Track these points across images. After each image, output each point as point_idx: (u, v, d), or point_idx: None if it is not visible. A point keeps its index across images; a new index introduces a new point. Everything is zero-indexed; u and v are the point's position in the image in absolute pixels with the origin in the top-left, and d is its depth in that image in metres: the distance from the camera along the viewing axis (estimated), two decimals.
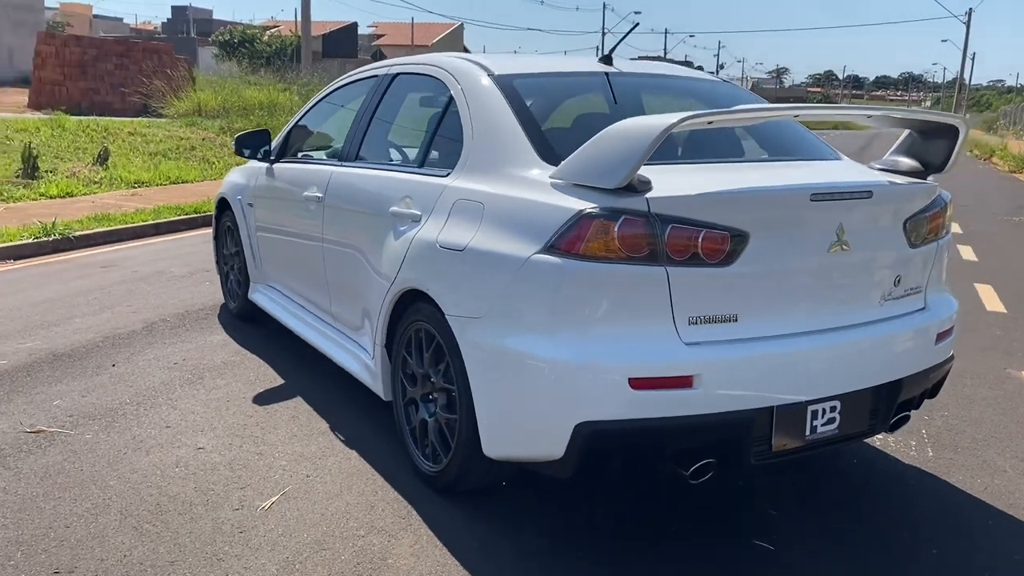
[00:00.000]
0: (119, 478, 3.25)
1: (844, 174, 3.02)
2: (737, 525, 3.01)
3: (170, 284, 6.56)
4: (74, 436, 3.62)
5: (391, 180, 3.50)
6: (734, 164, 3.13)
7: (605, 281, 2.53)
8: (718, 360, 2.57)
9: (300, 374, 4.43)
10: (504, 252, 2.71)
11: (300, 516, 2.99)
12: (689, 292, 2.57)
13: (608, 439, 2.58)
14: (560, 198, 2.64)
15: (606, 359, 2.52)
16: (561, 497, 3.15)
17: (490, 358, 2.75)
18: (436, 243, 3.02)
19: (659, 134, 2.44)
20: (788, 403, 2.68)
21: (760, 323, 2.66)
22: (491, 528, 2.94)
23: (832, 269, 2.77)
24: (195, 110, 17.63)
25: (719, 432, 2.64)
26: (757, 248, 2.62)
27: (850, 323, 2.83)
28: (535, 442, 2.68)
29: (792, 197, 2.68)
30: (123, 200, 10.81)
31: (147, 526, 2.91)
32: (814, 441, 2.80)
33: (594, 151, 2.61)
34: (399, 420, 3.40)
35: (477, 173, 3.04)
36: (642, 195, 2.54)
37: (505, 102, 3.13)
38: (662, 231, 2.52)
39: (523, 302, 2.64)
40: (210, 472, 3.31)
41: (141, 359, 4.66)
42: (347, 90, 4.43)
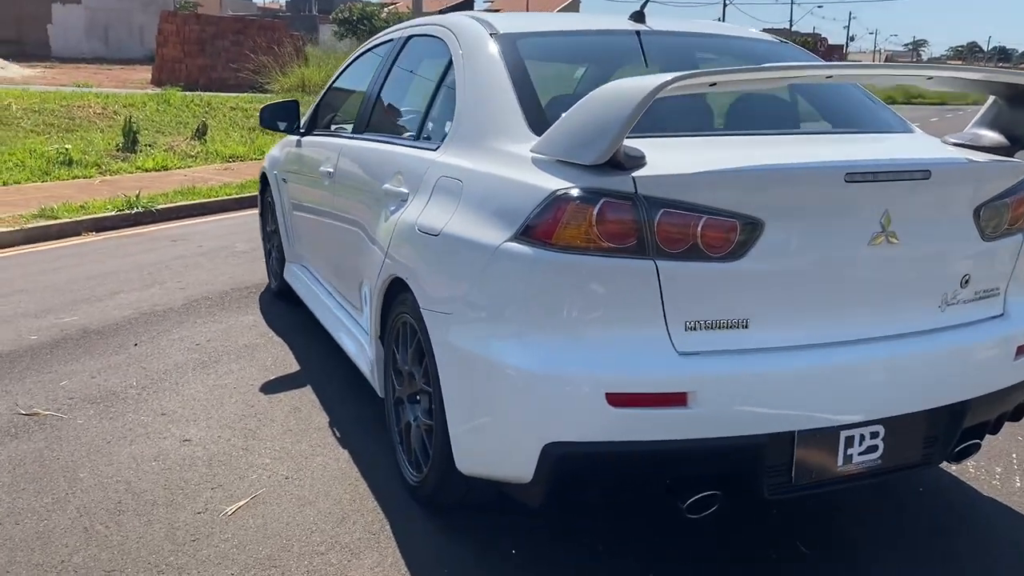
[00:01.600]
0: (91, 471, 3.05)
1: (898, 149, 2.47)
2: (759, 563, 2.54)
3: (229, 260, 6.45)
4: (66, 421, 3.46)
5: (387, 155, 3.16)
6: (770, 137, 2.63)
7: (581, 276, 2.11)
8: (720, 374, 2.11)
9: (319, 362, 4.17)
10: (475, 239, 2.32)
11: (262, 525, 2.71)
12: (686, 291, 2.12)
13: (582, 464, 2.17)
14: (536, 175, 2.23)
15: (578, 369, 2.11)
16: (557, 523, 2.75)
17: (458, 361, 2.37)
18: (415, 226, 2.66)
19: (643, 98, 1.99)
20: (813, 427, 2.20)
21: (777, 331, 2.19)
22: (468, 553, 2.58)
23: (874, 266, 2.25)
24: (299, 85, 17.77)
25: (722, 460, 2.18)
26: (774, 239, 2.14)
27: (897, 332, 2.31)
28: (503, 462, 2.30)
29: (820, 177, 2.18)
30: (215, 174, 10.92)
31: (99, 527, 2.68)
32: (849, 473, 2.30)
33: (574, 120, 2.19)
34: (388, 419, 3.07)
35: (462, 146, 2.66)
36: (628, 173, 2.09)
37: (502, 64, 2.72)
38: (651, 216, 2.07)
39: (490, 298, 2.25)
40: (187, 468, 3.07)
41: (165, 339, 4.50)
42: (367, 56, 4.10)
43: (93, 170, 10.41)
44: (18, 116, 12.29)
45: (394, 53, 3.59)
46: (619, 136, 2.03)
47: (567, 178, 2.15)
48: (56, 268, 6.15)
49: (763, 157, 2.22)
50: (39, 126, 12.19)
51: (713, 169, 2.11)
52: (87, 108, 13.44)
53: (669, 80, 2.00)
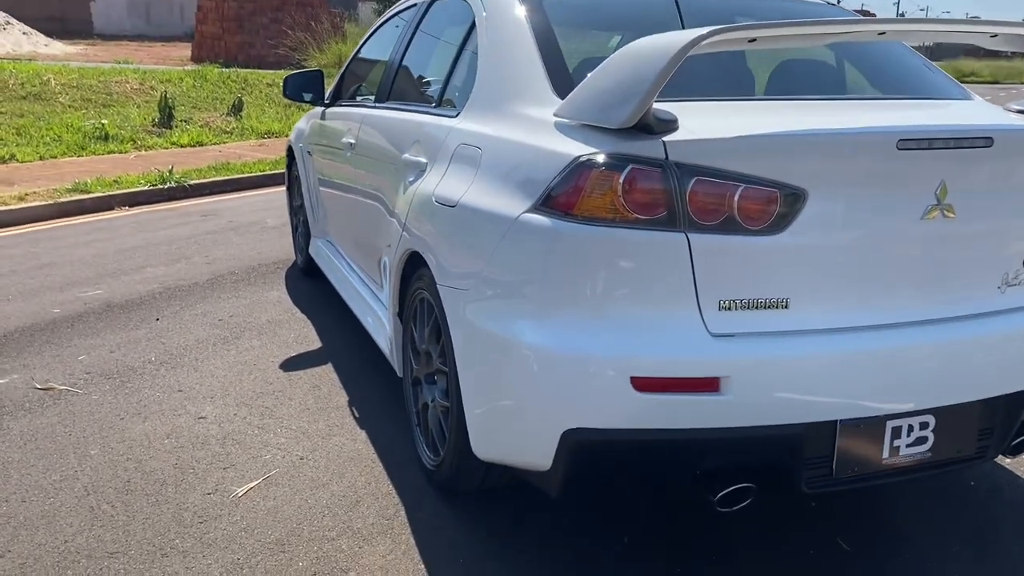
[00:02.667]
0: (103, 447, 2.96)
1: (956, 116, 2.26)
2: (798, 561, 2.37)
3: (258, 235, 6.37)
4: (81, 396, 3.38)
5: (407, 123, 3.01)
6: (813, 103, 2.43)
7: (605, 249, 1.95)
8: (758, 359, 1.94)
9: (341, 339, 4.05)
10: (493, 210, 2.17)
11: (273, 508, 2.60)
12: (720, 267, 1.95)
13: (605, 453, 2.01)
14: (559, 141, 2.07)
15: (602, 351, 1.95)
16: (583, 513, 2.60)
17: (475, 340, 2.23)
18: (432, 197, 2.51)
19: (676, 54, 1.82)
20: (857, 417, 2.03)
21: (820, 312, 2.01)
22: (484, 544, 2.44)
23: (928, 242, 2.06)
24: (336, 61, 17.64)
25: (756, 451, 2.02)
26: (818, 211, 1.96)
27: (951, 315, 2.11)
28: (521, 448, 2.15)
29: (870, 143, 1.98)
30: (249, 150, 10.87)
31: (105, 507, 2.59)
32: (896, 466, 2.12)
33: (601, 80, 2.02)
34: (406, 400, 2.94)
35: (483, 112, 2.50)
36: (659, 138, 1.92)
37: (527, 25, 2.55)
38: (683, 185, 1.90)
39: (507, 273, 2.10)
40: (199, 447, 2.97)
41: (188, 314, 4.42)
42: (390, 24, 3.95)
43: (128, 145, 10.42)
44: (56, 92, 12.34)
45: (417, 19, 3.43)
46: (649, 96, 1.86)
47: (591, 143, 1.99)
48: (86, 242, 6.11)
49: (807, 122, 2.03)
50: (77, 101, 12.23)
51: (753, 133, 1.93)
52: (124, 84, 13.46)
53: (704, 35, 1.82)
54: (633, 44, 1.99)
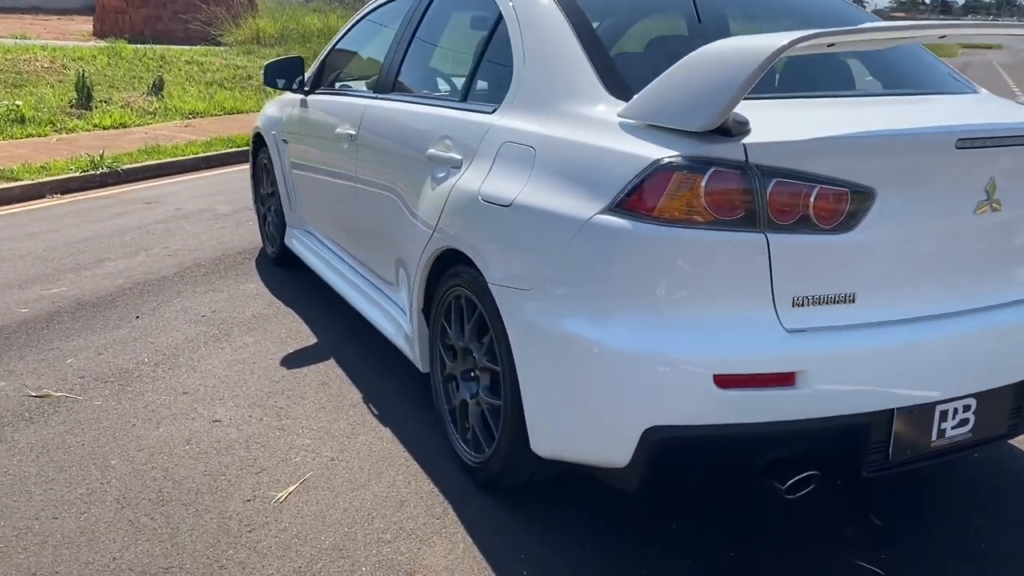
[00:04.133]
0: (122, 456, 2.87)
1: (995, 112, 2.38)
2: (835, 537, 2.49)
3: (212, 223, 6.19)
4: (82, 402, 3.26)
5: (429, 117, 2.98)
6: (846, 98, 2.51)
7: (687, 251, 1.99)
8: (829, 352, 2.02)
9: (336, 333, 4.00)
10: (559, 210, 2.18)
11: (319, 512, 2.57)
12: (794, 265, 2.01)
13: (685, 448, 2.07)
14: (631, 143, 2.09)
15: (686, 350, 2.00)
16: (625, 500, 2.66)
17: (541, 340, 2.24)
18: (478, 195, 2.50)
19: (765, 60, 1.86)
20: (913, 404, 2.13)
21: (883, 305, 2.10)
22: (539, 537, 2.48)
23: (977, 235, 2.17)
24: (254, 38, 17.16)
25: (826, 440, 2.10)
26: (884, 209, 2.04)
27: (994, 303, 2.24)
28: (593, 445, 2.19)
29: (933, 142, 2.08)
30: (177, 131, 10.50)
31: (145, 519, 2.52)
32: (941, 447, 2.24)
33: (676, 82, 2.05)
34: (437, 398, 2.94)
35: (529, 109, 2.50)
36: (738, 140, 1.97)
37: (564, 20, 2.55)
38: (763, 187, 1.96)
39: (581, 274, 2.12)
40: (224, 452, 2.91)
41: (167, 310, 4.28)
42: (385, 10, 3.87)
43: (48, 128, 9.92)
44: None
45: (421, 8, 3.37)
46: (735, 101, 1.90)
47: (669, 145, 2.01)
48: (29, 234, 5.83)
49: (869, 121, 2.11)
50: None
51: (827, 135, 2.00)
52: (34, 62, 12.78)
53: (793, 40, 1.87)
54: (711, 48, 2.03)
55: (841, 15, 3.03)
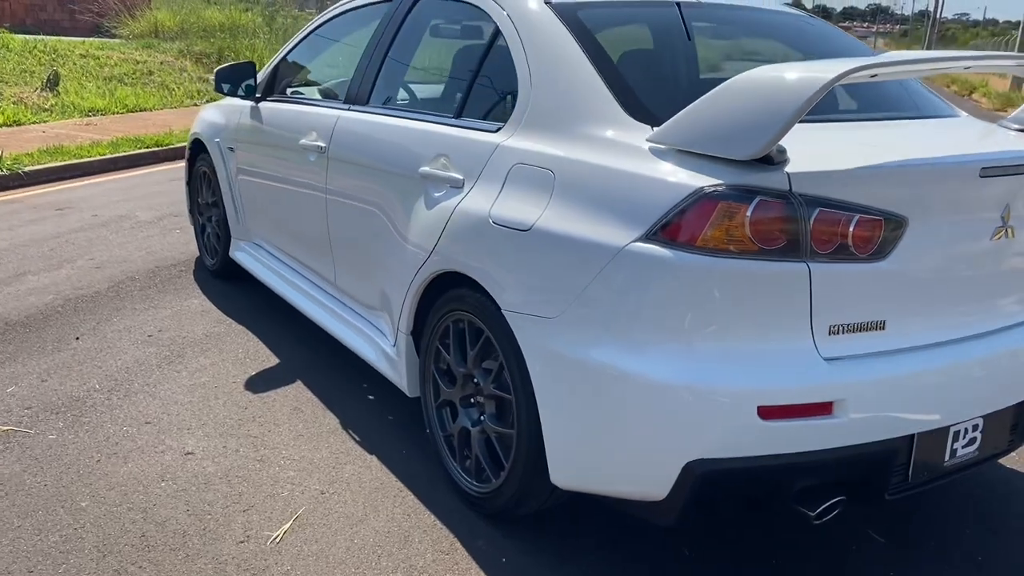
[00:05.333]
0: (93, 497, 2.65)
1: (1006, 141, 2.44)
2: (841, 556, 2.51)
3: (136, 232, 5.86)
4: (34, 437, 3.01)
5: (420, 133, 2.86)
6: (859, 122, 2.53)
7: (729, 281, 1.96)
8: (864, 381, 2.03)
9: (297, 351, 3.83)
10: (588, 237, 2.12)
11: (320, 552, 2.44)
12: (832, 294, 2.01)
13: (725, 480, 2.04)
14: (667, 170, 2.05)
15: (729, 382, 1.96)
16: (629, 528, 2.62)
17: (567, 369, 2.17)
18: (488, 218, 2.41)
19: (817, 91, 1.84)
20: (933, 428, 2.16)
21: (911, 331, 2.12)
22: (553, 569, 2.41)
23: (993, 260, 2.22)
24: (152, 31, 16.41)
25: (857, 466, 2.11)
26: (915, 237, 2.06)
27: (1006, 325, 2.30)
28: (628, 478, 2.14)
29: (962, 171, 2.11)
30: (77, 130, 9.94)
31: (132, 569, 2.33)
32: (953, 467, 2.29)
33: (718, 110, 2.01)
34: (431, 425, 2.83)
35: (540, 131, 2.42)
36: (781, 169, 1.95)
37: (572, 39, 2.49)
38: (807, 216, 1.94)
39: (616, 303, 2.06)
40: (204, 488, 2.73)
41: (109, 330, 4.01)
42: (351, 17, 3.72)
43: None
44: None
45: (398, 17, 3.24)
46: (783, 131, 1.88)
47: (710, 173, 1.98)
48: None
49: (903, 149, 2.12)
50: None
51: (868, 164, 2.00)
52: None
53: (845, 71, 1.86)
54: (755, 76, 1.99)
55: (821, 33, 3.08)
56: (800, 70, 1.95)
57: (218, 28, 16.25)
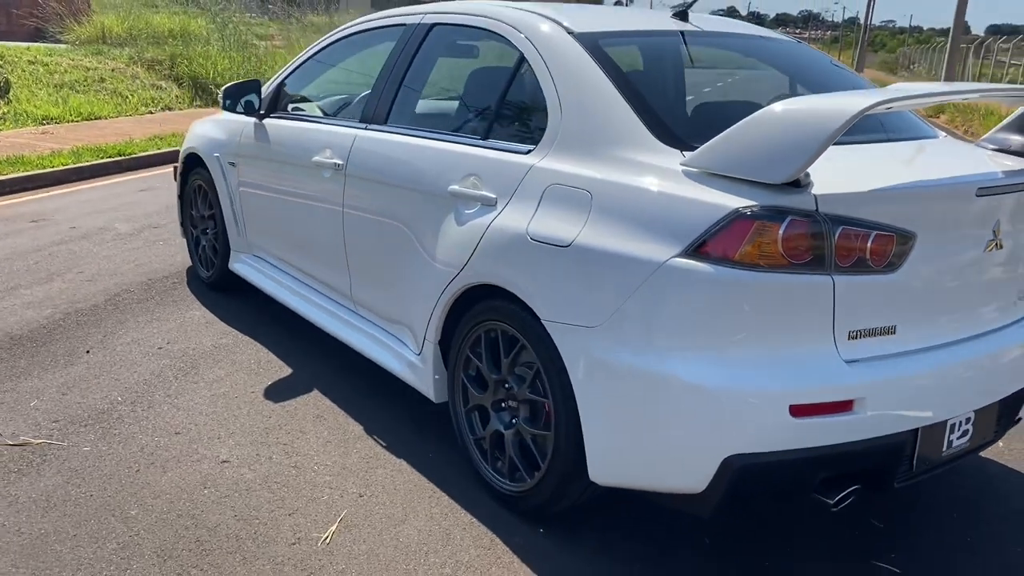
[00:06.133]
0: (141, 506, 2.76)
1: (989, 162, 2.70)
2: (846, 543, 2.75)
3: (120, 244, 5.88)
4: (68, 449, 3.09)
5: (447, 153, 3.02)
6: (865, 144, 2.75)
7: (763, 292, 2.17)
8: (880, 379, 2.26)
9: (308, 360, 3.95)
10: (628, 253, 2.31)
11: (370, 551, 2.58)
12: (852, 303, 2.24)
13: (759, 472, 2.25)
14: (704, 192, 2.25)
15: (765, 383, 2.18)
16: (652, 521, 2.82)
17: (609, 375, 2.36)
18: (525, 234, 2.59)
19: (845, 121, 2.06)
20: (935, 422, 2.41)
21: (917, 335, 2.36)
22: (590, 558, 2.60)
23: (985, 270, 2.48)
24: (99, 37, 16.15)
25: (872, 457, 2.34)
26: (921, 250, 2.30)
27: (992, 328, 2.56)
28: (668, 474, 2.34)
29: (961, 191, 2.36)
30: (34, 139, 9.83)
31: (195, 572, 2.45)
32: (948, 456, 2.54)
33: (751, 137, 2.22)
34: (460, 429, 3.00)
35: (573, 154, 2.61)
36: (808, 191, 2.17)
37: (599, 69, 2.69)
38: (832, 233, 2.17)
39: (657, 314, 2.26)
40: (246, 494, 2.85)
41: (117, 343, 4.08)
42: (360, 40, 3.86)
43: None
44: None
45: (415, 42, 3.40)
46: (814, 157, 2.09)
47: (744, 195, 2.19)
48: None
49: (912, 171, 2.37)
50: None
51: (885, 186, 2.23)
52: None
53: (873, 103, 2.09)
54: (785, 107, 2.21)
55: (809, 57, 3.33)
56: (827, 103, 2.17)
57: (168, 34, 16.09)
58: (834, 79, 3.21)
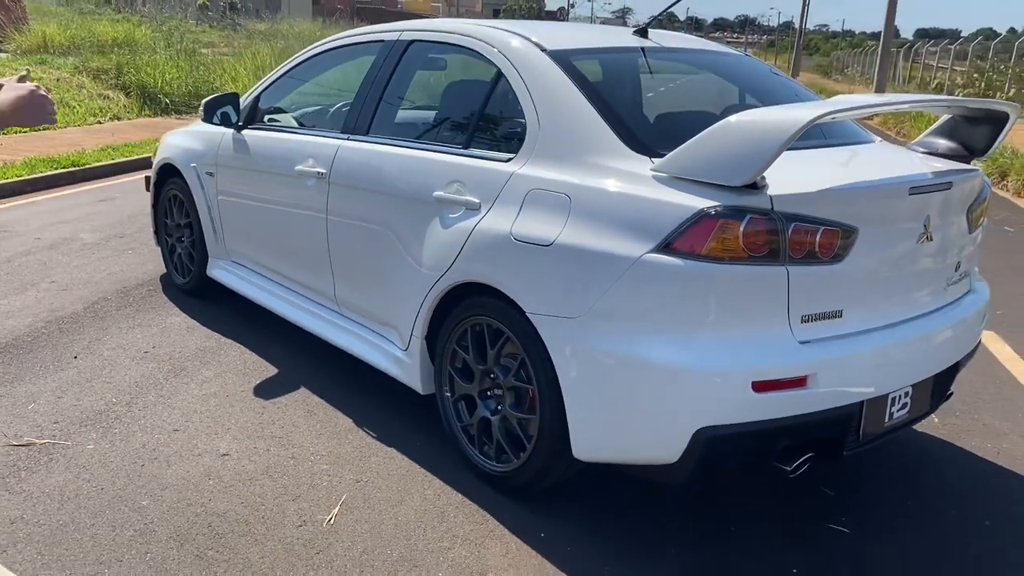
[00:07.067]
0: (151, 496, 2.93)
1: (919, 164, 3.02)
2: (800, 509, 3.05)
3: (89, 254, 5.97)
4: (73, 448, 3.24)
5: (430, 161, 3.25)
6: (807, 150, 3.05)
7: (727, 282, 2.45)
8: (829, 358, 2.56)
9: (292, 361, 4.14)
10: (605, 250, 2.58)
11: (372, 529, 2.80)
12: (804, 291, 2.53)
13: (726, 443, 2.53)
14: (673, 194, 2.53)
15: (729, 363, 2.46)
16: (625, 492, 3.09)
17: (590, 361, 2.62)
18: (509, 235, 2.84)
19: (797, 130, 2.36)
20: (877, 395, 2.71)
21: (860, 318, 2.67)
22: (575, 529, 2.85)
23: (918, 260, 2.80)
24: (41, 46, 15.97)
25: (825, 428, 2.64)
26: (863, 243, 2.60)
27: (926, 311, 2.88)
28: (643, 447, 2.61)
29: (896, 190, 2.68)
30: None
31: (212, 553, 2.64)
32: (890, 427, 2.86)
33: (713, 145, 2.50)
34: (448, 417, 3.23)
35: (552, 161, 2.86)
36: (764, 192, 2.46)
37: (571, 83, 2.95)
38: (786, 229, 2.46)
39: (633, 304, 2.53)
40: (250, 483, 3.04)
41: (103, 348, 4.22)
42: (338, 55, 4.07)
43: None
44: None
45: (393, 57, 3.62)
46: (770, 162, 2.38)
47: (709, 196, 2.47)
48: None
49: (853, 173, 2.67)
50: None
51: (831, 187, 2.54)
52: None
53: (820, 114, 2.39)
54: (745, 118, 2.49)
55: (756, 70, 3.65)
56: (780, 114, 2.46)
57: (111, 43, 15.97)
58: (776, 88, 3.54)
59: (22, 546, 2.64)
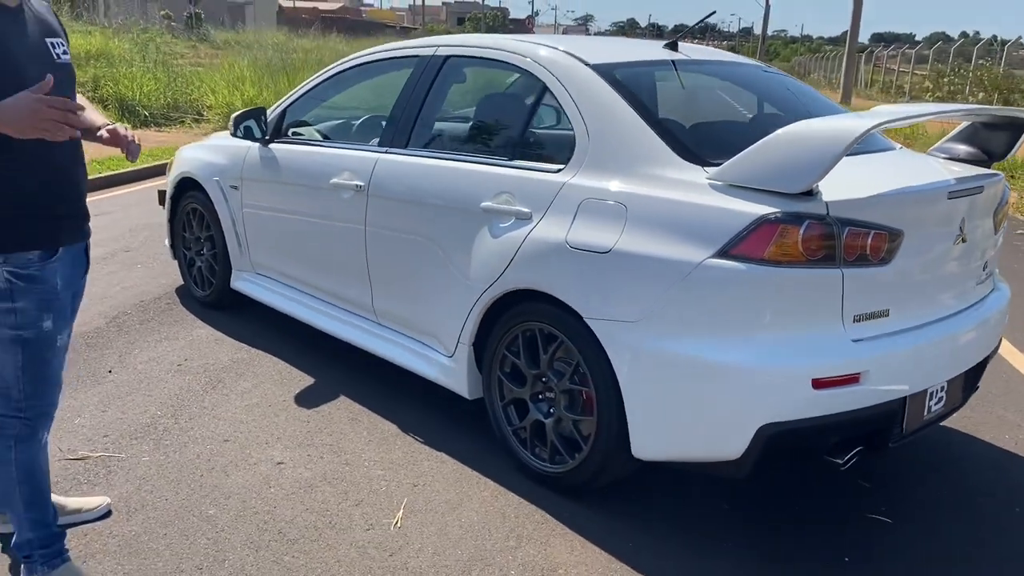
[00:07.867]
0: (217, 505, 2.99)
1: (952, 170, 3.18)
2: (845, 501, 3.18)
3: (96, 269, 5.93)
4: (129, 460, 3.28)
5: (476, 173, 3.34)
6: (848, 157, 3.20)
7: (786, 285, 2.58)
8: (879, 355, 2.70)
9: (327, 371, 4.20)
10: (665, 256, 2.69)
11: (440, 531, 2.89)
12: (856, 291, 2.66)
13: (787, 438, 2.65)
14: (732, 201, 2.65)
15: (791, 361, 2.59)
16: (675, 488, 3.20)
17: (651, 362, 2.73)
18: (564, 243, 2.94)
19: (854, 139, 2.50)
20: (918, 390, 2.86)
21: (905, 316, 2.81)
22: (632, 525, 2.96)
23: (953, 260, 2.95)
24: None
25: (873, 422, 2.78)
26: (908, 245, 2.74)
27: (957, 310, 3.03)
28: (708, 445, 2.72)
29: (937, 195, 2.83)
30: None
31: (288, 559, 2.71)
32: (928, 420, 3.00)
33: (772, 154, 2.63)
34: (498, 421, 3.32)
35: (603, 171, 2.97)
36: (819, 198, 2.59)
37: (618, 96, 3.07)
38: (841, 233, 2.59)
39: (694, 306, 2.64)
40: (310, 489, 3.11)
41: (136, 361, 4.25)
42: (367, 70, 4.15)
43: None
44: None
45: (430, 72, 3.71)
46: (829, 170, 2.52)
47: (767, 203, 2.59)
48: None
49: (897, 179, 2.82)
50: None
51: (880, 192, 2.68)
52: None
53: (875, 124, 2.54)
54: (801, 127, 2.63)
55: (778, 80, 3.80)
56: (836, 124, 2.60)
57: (84, 55, 15.84)
58: (792, 96, 3.69)
59: (100, 557, 2.68)
